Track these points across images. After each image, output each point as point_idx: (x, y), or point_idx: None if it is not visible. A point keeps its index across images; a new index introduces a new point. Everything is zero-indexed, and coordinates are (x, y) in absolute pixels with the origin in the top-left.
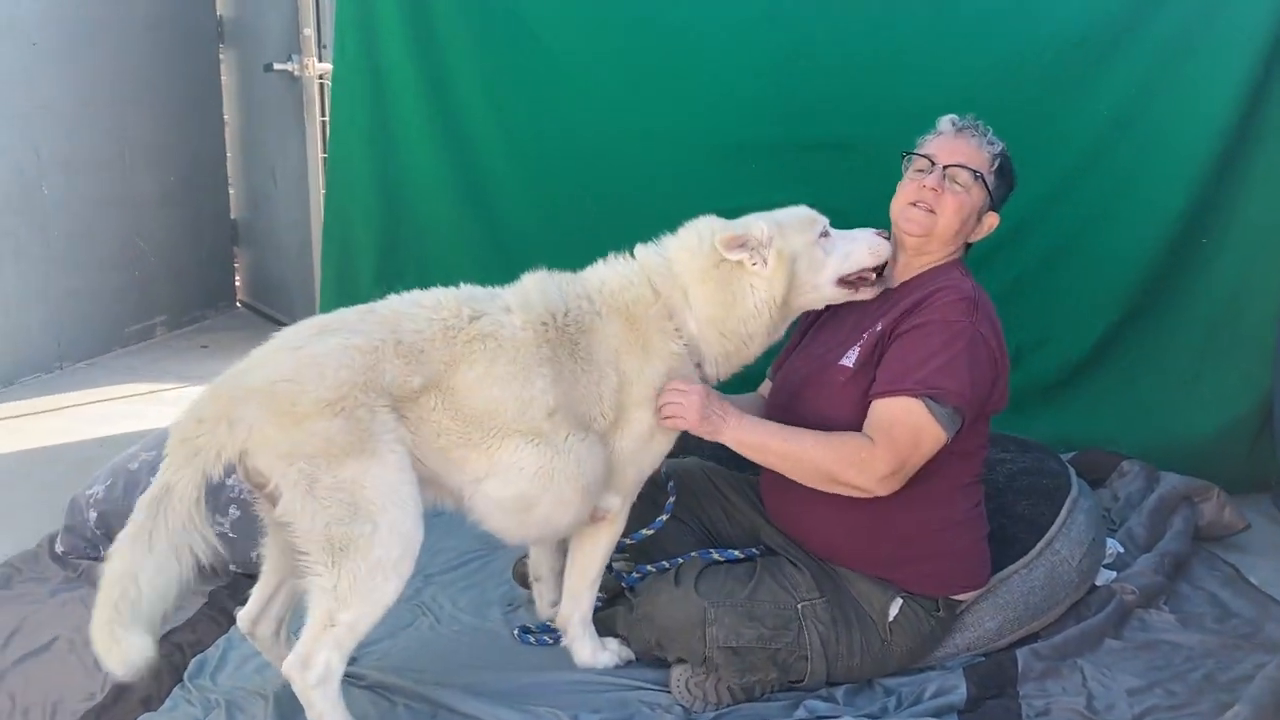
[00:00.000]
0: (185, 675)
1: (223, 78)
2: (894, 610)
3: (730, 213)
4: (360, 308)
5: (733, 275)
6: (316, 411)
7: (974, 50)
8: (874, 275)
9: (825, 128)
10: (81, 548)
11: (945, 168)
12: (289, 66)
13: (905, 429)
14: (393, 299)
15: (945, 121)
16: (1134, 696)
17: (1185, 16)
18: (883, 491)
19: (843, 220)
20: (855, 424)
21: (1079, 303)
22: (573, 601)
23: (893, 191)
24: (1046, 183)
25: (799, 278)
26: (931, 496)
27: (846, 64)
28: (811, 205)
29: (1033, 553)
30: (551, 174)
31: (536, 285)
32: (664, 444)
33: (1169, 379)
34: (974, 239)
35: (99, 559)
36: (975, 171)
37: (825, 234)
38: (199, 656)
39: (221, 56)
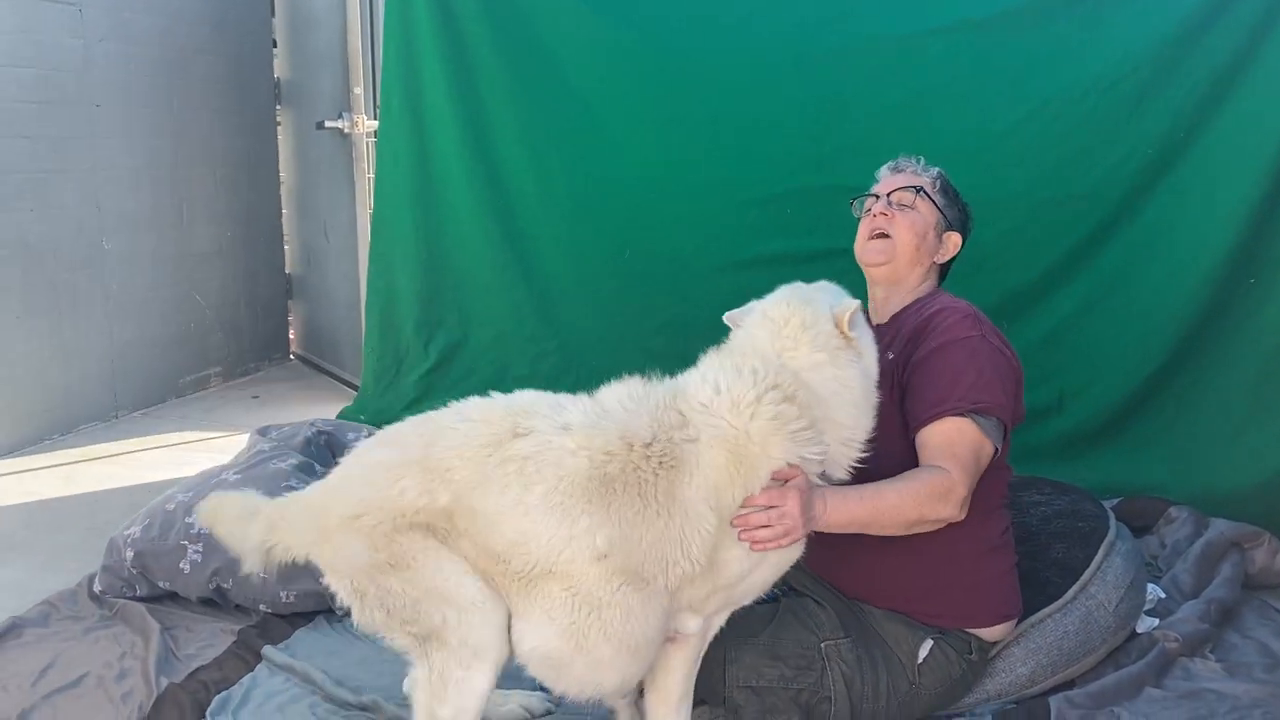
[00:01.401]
0: (208, 712)
1: (279, 137)
2: (924, 652)
3: (769, 260)
4: (423, 417)
5: (852, 361)
6: (340, 527)
7: (1010, 94)
8: None
9: (861, 173)
10: (118, 587)
11: (889, 195)
12: (340, 124)
13: (965, 448)
14: (454, 407)
15: (883, 170)
16: None
17: (1223, 56)
18: (961, 516)
19: None
20: (899, 447)
21: (1124, 347)
22: None
23: None
24: (1088, 225)
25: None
26: (967, 523)
27: (881, 109)
28: (847, 249)
29: (1066, 596)
30: (588, 224)
31: (619, 402)
32: (769, 574)
33: (1217, 424)
34: (941, 259)
35: (135, 598)
36: (916, 188)
37: None
38: (223, 694)
39: (278, 117)
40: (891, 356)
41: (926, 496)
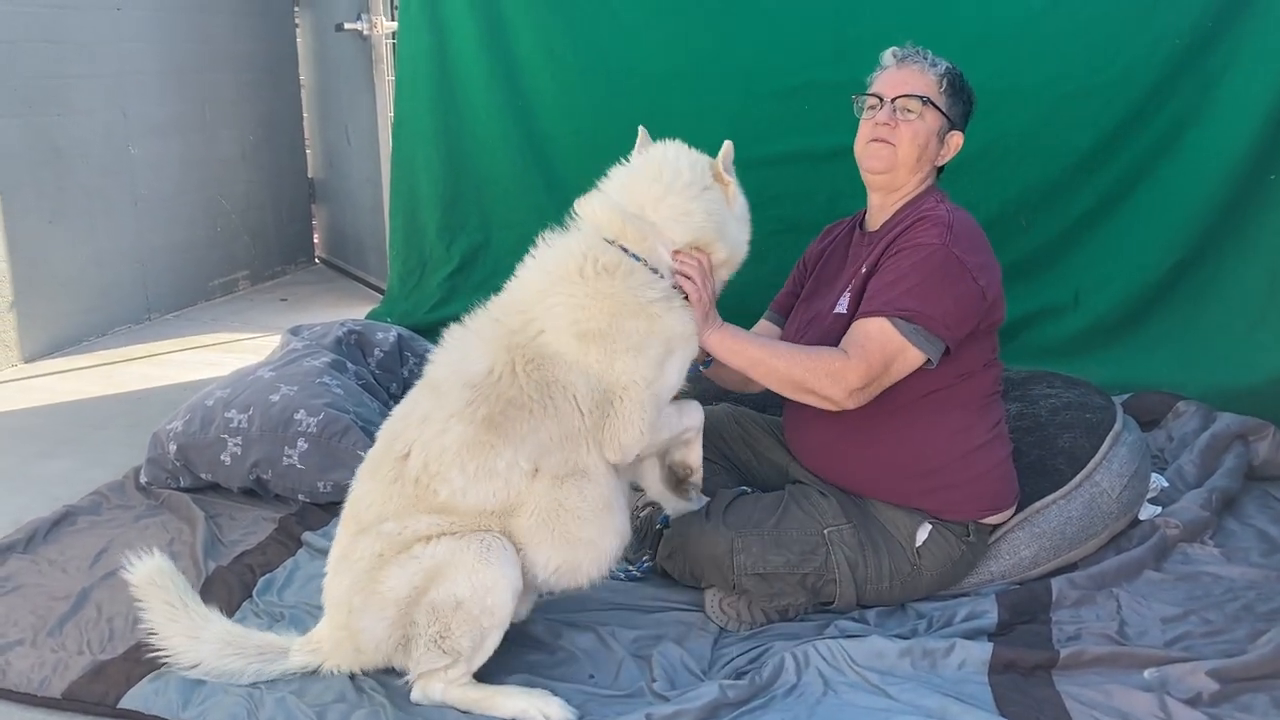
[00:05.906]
0: (254, 592)
1: (298, 39)
2: (922, 536)
3: (786, 158)
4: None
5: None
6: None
7: None
8: None
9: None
10: (163, 478)
11: (894, 100)
12: (359, 26)
13: (875, 345)
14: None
15: (887, 55)
16: (1168, 624)
17: None
18: (851, 404)
19: None
20: None
21: (1141, 244)
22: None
23: None
24: (1112, 119)
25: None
26: (951, 425)
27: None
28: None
29: (1071, 484)
30: (607, 123)
31: (457, 355)
32: (672, 378)
33: (1232, 321)
34: (941, 162)
35: (179, 488)
36: (922, 97)
37: None
38: (267, 576)
39: (297, 20)
40: (864, 270)
41: (817, 368)
